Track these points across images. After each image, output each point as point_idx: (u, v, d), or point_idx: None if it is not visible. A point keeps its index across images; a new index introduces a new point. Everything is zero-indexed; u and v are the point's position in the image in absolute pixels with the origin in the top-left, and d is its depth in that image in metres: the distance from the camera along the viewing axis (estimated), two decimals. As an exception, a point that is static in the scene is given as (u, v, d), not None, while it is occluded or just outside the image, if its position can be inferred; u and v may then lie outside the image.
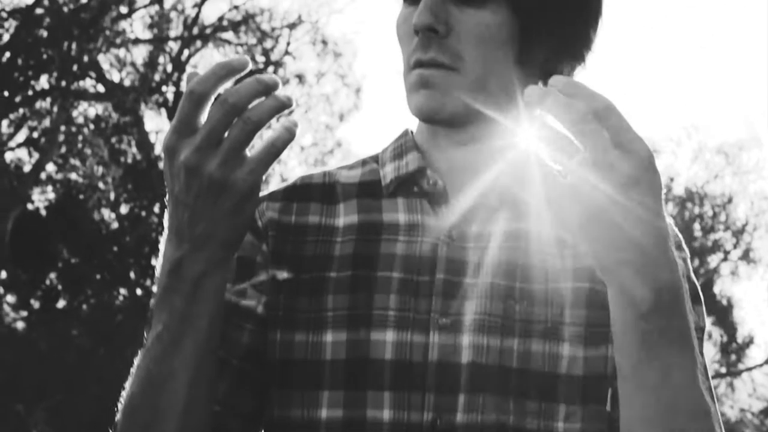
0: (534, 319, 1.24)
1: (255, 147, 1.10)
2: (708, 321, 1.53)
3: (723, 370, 21.92)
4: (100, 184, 16.18)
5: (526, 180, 1.17)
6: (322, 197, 1.36)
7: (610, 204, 1.00)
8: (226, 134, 1.08)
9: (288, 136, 1.09)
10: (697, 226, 23.19)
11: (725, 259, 23.26)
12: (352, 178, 1.38)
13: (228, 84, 1.09)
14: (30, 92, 13.52)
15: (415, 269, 1.27)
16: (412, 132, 1.39)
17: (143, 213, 17.04)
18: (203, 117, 1.08)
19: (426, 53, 1.25)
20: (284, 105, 1.08)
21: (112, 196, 17.10)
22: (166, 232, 1.15)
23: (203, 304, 1.15)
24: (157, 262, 1.17)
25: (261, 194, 1.38)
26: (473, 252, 1.27)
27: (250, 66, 1.09)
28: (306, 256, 1.31)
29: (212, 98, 1.08)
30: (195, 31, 17.07)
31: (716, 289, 23.08)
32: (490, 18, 1.25)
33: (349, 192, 1.36)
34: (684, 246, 1.34)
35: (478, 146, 1.30)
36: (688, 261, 1.34)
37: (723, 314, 22.67)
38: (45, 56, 12.94)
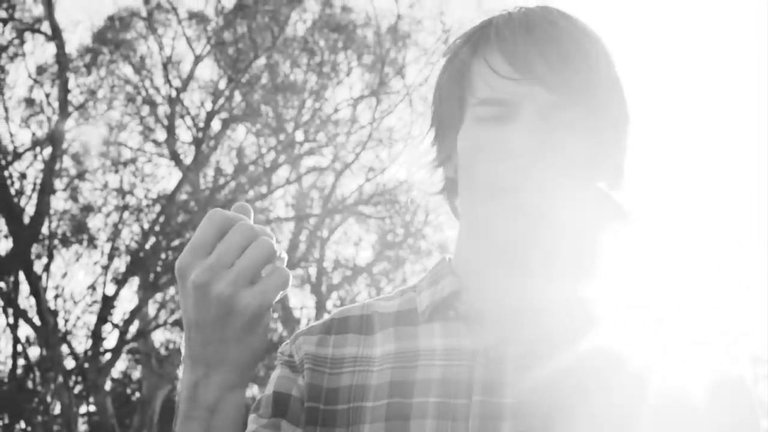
0: None
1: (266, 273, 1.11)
2: None
3: None
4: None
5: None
6: (360, 328, 1.36)
7: None
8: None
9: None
10: None
11: None
12: (390, 308, 1.37)
13: None
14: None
15: (452, 392, 1.24)
16: (449, 259, 1.38)
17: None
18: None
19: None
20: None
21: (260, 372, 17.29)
22: (182, 357, 1.16)
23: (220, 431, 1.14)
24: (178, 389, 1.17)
25: (298, 330, 1.39)
26: (512, 372, 1.24)
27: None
28: (343, 387, 1.30)
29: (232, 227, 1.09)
30: (333, 205, 17.45)
31: None
32: None
33: (386, 321, 1.35)
34: None
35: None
36: None
37: None
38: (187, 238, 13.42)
